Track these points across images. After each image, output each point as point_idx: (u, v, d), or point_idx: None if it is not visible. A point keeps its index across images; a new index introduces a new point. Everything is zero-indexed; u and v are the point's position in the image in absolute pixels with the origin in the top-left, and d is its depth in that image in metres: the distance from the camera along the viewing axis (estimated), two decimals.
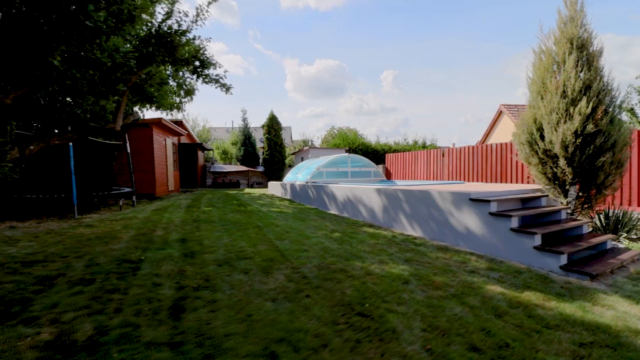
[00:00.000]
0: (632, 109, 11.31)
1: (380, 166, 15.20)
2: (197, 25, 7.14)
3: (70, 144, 6.95)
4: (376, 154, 18.83)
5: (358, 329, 2.46)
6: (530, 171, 5.73)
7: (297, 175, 12.12)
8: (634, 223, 5.15)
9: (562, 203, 5.41)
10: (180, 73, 9.51)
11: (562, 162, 5.07)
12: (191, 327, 2.49)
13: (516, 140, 5.83)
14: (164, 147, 12.00)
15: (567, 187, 5.28)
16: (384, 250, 4.68)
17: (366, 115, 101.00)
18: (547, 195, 5.54)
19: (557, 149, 5.05)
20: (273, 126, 18.04)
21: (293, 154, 20.83)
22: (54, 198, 7.05)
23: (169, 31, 6.60)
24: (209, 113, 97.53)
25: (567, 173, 5.14)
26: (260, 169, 19.23)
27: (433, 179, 12.71)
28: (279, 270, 3.77)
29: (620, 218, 5.18)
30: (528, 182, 8.23)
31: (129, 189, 8.71)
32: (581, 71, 5.00)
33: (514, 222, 4.40)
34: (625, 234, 5.01)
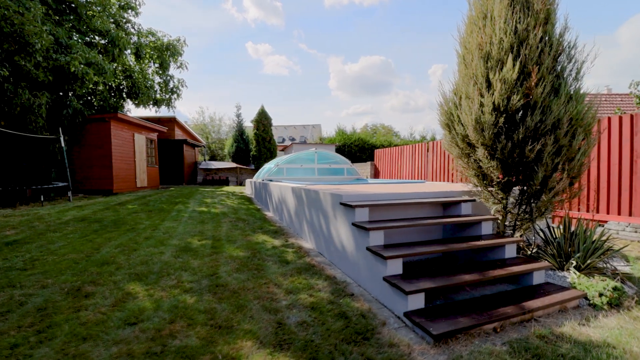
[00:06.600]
0: None
1: (369, 163, 13.67)
2: None
3: None
4: (373, 150, 17.09)
5: None
6: (455, 165, 4.18)
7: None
8: (597, 245, 3.38)
9: (498, 211, 3.82)
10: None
11: (480, 152, 3.52)
12: None
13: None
14: (131, 142, 11.74)
15: (492, 188, 3.69)
16: (216, 267, 3.55)
17: (413, 112, 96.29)
18: (474, 200, 3.96)
19: (470, 134, 3.50)
20: (262, 121, 17.20)
21: (282, 150, 19.88)
22: None
23: None
24: (246, 112, 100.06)
25: (492, 169, 3.56)
26: (252, 166, 18.57)
27: (418, 178, 10.98)
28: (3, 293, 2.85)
29: (577, 237, 3.45)
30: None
31: (64, 184, 8.43)
32: (515, 21, 3.39)
33: (374, 239, 3.02)
34: (575, 262, 3.29)
